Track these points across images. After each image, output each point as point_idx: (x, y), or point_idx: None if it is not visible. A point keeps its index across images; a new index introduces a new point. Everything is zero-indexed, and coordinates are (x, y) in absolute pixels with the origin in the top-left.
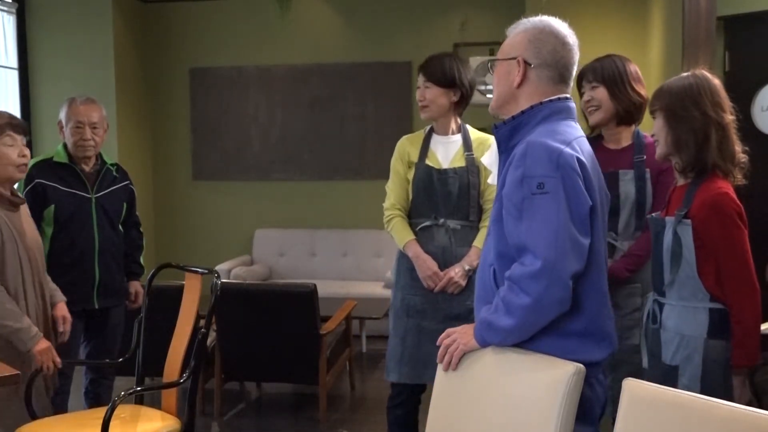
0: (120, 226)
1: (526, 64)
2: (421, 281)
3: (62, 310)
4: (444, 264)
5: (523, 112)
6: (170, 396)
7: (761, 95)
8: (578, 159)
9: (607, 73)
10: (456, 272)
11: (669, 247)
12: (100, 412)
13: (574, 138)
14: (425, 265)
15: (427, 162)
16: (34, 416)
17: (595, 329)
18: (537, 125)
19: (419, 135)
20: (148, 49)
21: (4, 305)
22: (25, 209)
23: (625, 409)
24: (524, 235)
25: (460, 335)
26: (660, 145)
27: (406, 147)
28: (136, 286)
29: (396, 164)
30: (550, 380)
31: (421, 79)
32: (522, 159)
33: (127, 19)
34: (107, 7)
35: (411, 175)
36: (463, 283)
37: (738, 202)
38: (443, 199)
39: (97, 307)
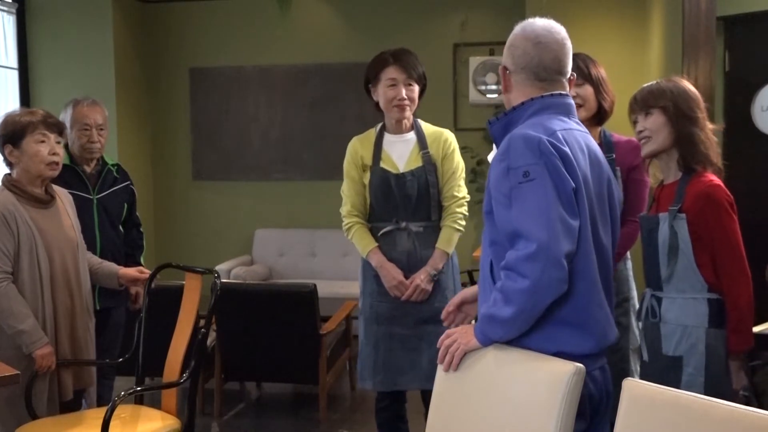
0: (120, 227)
1: (506, 70)
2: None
3: (127, 270)
4: (410, 268)
5: (514, 109)
6: (170, 396)
7: (761, 95)
8: (554, 145)
9: (593, 73)
10: (421, 279)
11: (666, 241)
12: (100, 412)
13: (560, 129)
14: (390, 275)
15: (383, 165)
16: (34, 416)
17: (584, 318)
18: (526, 120)
19: (370, 135)
20: (148, 49)
21: (10, 305)
22: (62, 208)
23: (624, 409)
24: (515, 222)
25: (460, 335)
26: (653, 141)
27: (358, 150)
28: (136, 288)
29: (349, 168)
30: (550, 380)
31: (401, 77)
32: (505, 152)
33: (127, 19)
34: (107, 7)
35: (366, 179)
36: (429, 288)
37: (729, 193)
38: (403, 203)
39: (98, 308)
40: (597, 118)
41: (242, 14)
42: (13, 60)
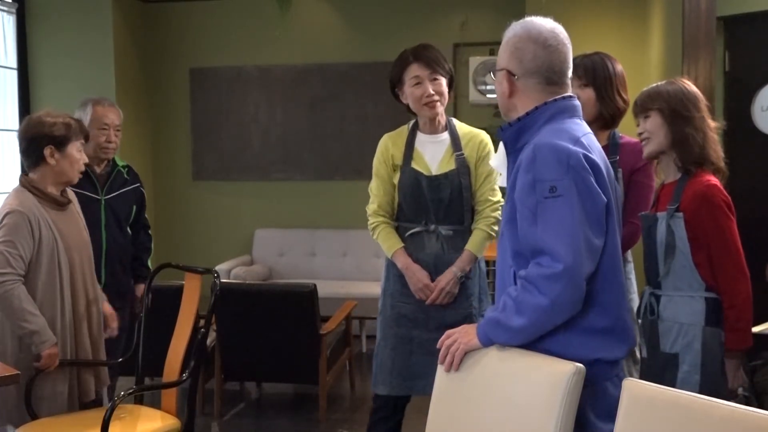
0: (128, 228)
1: (511, 75)
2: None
3: (105, 307)
4: (436, 271)
5: (527, 114)
6: (170, 396)
7: (761, 95)
8: (587, 156)
9: (599, 75)
10: (447, 281)
11: (663, 239)
12: (100, 412)
13: (582, 134)
14: (415, 277)
15: (414, 166)
16: (34, 416)
17: (617, 325)
18: (543, 125)
19: (401, 133)
20: (148, 49)
21: (22, 306)
22: (74, 209)
23: (625, 409)
24: (540, 239)
25: (460, 335)
26: (652, 142)
27: (389, 148)
28: (142, 289)
29: (379, 167)
30: (550, 380)
31: (424, 73)
32: (531, 163)
33: (127, 19)
34: (107, 7)
35: (396, 179)
36: (456, 290)
37: (726, 193)
38: (434, 206)
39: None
40: (601, 123)
41: (242, 14)
42: (12, 60)
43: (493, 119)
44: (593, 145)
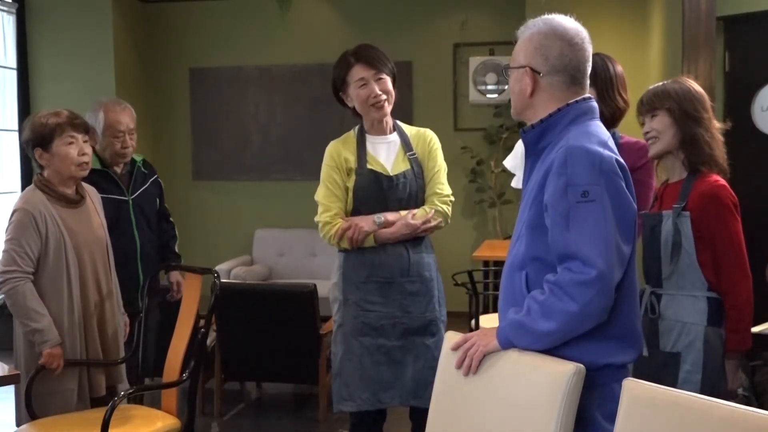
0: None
1: (535, 72)
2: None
3: None
4: (401, 274)
5: (550, 115)
6: (170, 396)
7: (761, 95)
8: (618, 161)
9: (600, 76)
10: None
11: (669, 238)
12: (100, 412)
13: (607, 137)
14: (401, 224)
15: (371, 167)
16: (34, 416)
17: (630, 330)
18: (566, 127)
19: (349, 138)
20: (148, 49)
21: (26, 304)
22: (90, 207)
23: (625, 409)
24: (573, 244)
25: (479, 338)
26: (660, 142)
27: (342, 153)
28: (176, 276)
29: (331, 173)
30: (550, 380)
31: (368, 73)
32: (563, 166)
33: (127, 19)
34: (107, 7)
35: (351, 183)
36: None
37: (733, 194)
38: (393, 206)
39: (141, 308)
40: (603, 123)
41: (242, 14)
42: (12, 60)
43: (493, 119)
44: (615, 148)
